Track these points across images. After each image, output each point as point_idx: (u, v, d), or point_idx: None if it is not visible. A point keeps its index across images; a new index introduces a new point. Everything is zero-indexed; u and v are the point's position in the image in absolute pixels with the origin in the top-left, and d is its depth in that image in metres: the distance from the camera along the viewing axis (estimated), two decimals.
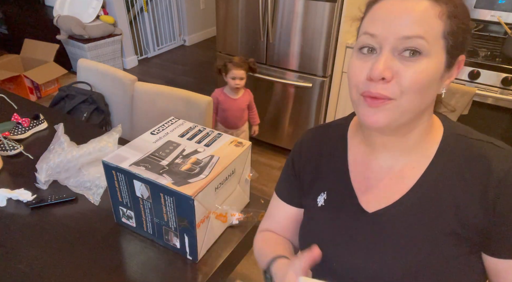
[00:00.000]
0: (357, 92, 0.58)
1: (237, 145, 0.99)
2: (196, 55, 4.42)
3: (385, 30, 0.54)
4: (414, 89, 0.54)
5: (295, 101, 2.37)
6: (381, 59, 0.54)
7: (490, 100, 1.91)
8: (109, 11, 3.59)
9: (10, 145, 1.29)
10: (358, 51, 0.58)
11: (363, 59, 0.57)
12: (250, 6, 2.23)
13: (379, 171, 0.66)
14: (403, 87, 0.54)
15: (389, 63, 0.54)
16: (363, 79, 0.57)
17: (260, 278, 1.77)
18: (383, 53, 0.55)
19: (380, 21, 0.55)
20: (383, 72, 0.54)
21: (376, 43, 0.55)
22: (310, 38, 2.12)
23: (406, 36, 0.53)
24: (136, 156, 0.92)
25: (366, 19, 0.59)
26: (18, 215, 1.05)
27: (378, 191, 0.65)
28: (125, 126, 1.77)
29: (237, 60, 2.00)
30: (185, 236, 0.89)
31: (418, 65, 0.54)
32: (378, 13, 0.56)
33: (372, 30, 0.56)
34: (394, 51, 0.54)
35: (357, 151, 0.69)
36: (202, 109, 1.51)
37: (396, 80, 0.54)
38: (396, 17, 0.54)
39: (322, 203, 0.71)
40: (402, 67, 0.54)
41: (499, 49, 1.98)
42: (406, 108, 0.56)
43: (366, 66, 0.56)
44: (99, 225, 1.02)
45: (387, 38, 0.54)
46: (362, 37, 0.58)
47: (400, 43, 0.53)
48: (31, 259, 0.91)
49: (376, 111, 0.56)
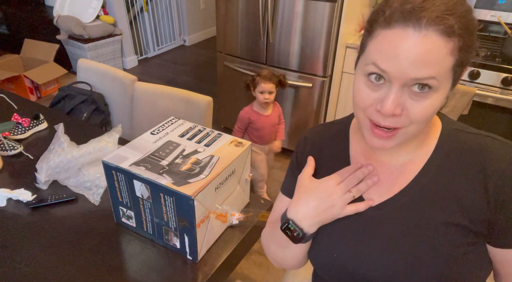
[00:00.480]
0: (364, 115, 0.59)
1: (237, 145, 0.99)
2: (196, 55, 4.42)
3: (396, 70, 0.52)
4: (423, 120, 0.55)
5: (295, 101, 2.37)
6: (391, 97, 0.53)
7: (490, 100, 1.91)
8: (109, 11, 3.59)
9: (10, 145, 1.29)
10: (365, 76, 0.57)
11: (371, 87, 0.56)
12: (250, 6, 2.22)
13: (381, 167, 0.67)
14: (412, 119, 0.55)
15: (399, 100, 0.54)
16: (372, 107, 0.57)
17: (261, 278, 1.77)
18: (392, 89, 0.53)
19: (390, 58, 0.52)
20: (393, 111, 0.54)
21: (385, 76, 0.54)
22: (310, 38, 2.12)
23: (418, 78, 0.51)
24: (136, 156, 0.92)
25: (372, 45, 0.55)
26: (18, 215, 1.05)
27: (380, 186, 0.66)
28: (125, 126, 1.77)
29: (266, 73, 1.87)
30: (185, 236, 0.89)
31: (427, 100, 0.54)
32: (389, 47, 0.52)
33: (382, 65, 0.53)
34: (404, 86, 0.53)
35: (359, 148, 0.71)
36: (202, 109, 1.51)
37: (405, 113, 0.55)
38: (406, 58, 0.51)
39: None
40: (411, 103, 0.54)
41: (499, 49, 1.98)
42: (413, 134, 0.58)
43: (374, 95, 0.56)
44: (99, 225, 1.02)
45: (398, 77, 0.52)
46: (370, 66, 0.55)
47: (410, 81, 0.52)
48: (31, 259, 0.91)
49: (383, 140, 0.58)
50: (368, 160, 0.69)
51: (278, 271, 1.80)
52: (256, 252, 1.90)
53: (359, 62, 0.60)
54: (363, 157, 0.70)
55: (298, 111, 2.40)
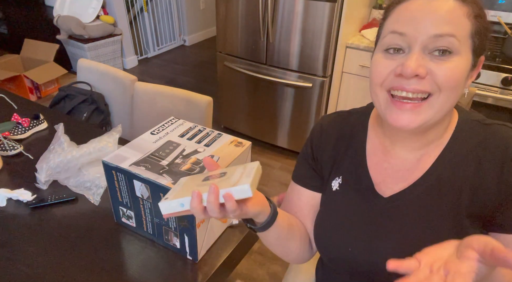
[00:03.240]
0: (383, 89, 0.58)
1: (237, 145, 0.99)
2: (196, 55, 4.42)
3: (415, 29, 0.53)
4: (450, 86, 0.54)
5: (295, 101, 2.37)
6: (413, 56, 0.53)
7: (490, 100, 1.91)
8: (109, 11, 3.59)
9: (10, 145, 1.29)
10: (383, 52, 0.57)
11: (390, 58, 0.56)
12: (250, 6, 2.23)
13: (397, 162, 0.67)
14: (439, 83, 0.54)
15: (421, 61, 0.53)
16: (390, 75, 0.56)
17: (261, 278, 1.77)
18: (413, 51, 0.54)
19: (408, 20, 0.54)
20: (416, 69, 0.53)
21: (404, 43, 0.54)
22: (310, 38, 2.12)
23: (438, 34, 0.52)
24: (136, 156, 0.92)
25: (390, 19, 0.57)
26: (18, 215, 1.05)
27: (396, 179, 0.66)
28: (125, 126, 1.77)
29: None
30: (185, 236, 0.89)
31: (450, 63, 0.53)
32: (405, 13, 0.55)
33: (400, 29, 0.54)
34: (425, 50, 0.53)
35: (376, 141, 0.70)
36: (202, 109, 1.51)
37: (431, 77, 0.54)
38: (425, 16, 0.52)
39: (337, 187, 0.72)
40: (434, 65, 0.53)
41: (499, 49, 1.98)
42: (441, 106, 0.56)
43: (393, 63, 0.56)
44: (99, 225, 1.02)
45: (417, 37, 0.53)
46: (388, 36, 0.56)
47: (431, 42, 0.53)
48: (31, 259, 0.91)
49: (408, 114, 0.56)
50: (384, 154, 0.68)
51: (278, 271, 1.80)
52: (256, 252, 1.90)
53: (376, 46, 0.60)
54: (381, 152, 0.69)
55: (298, 111, 2.40)
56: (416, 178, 0.64)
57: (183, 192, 0.57)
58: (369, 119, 0.73)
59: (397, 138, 0.66)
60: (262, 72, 2.39)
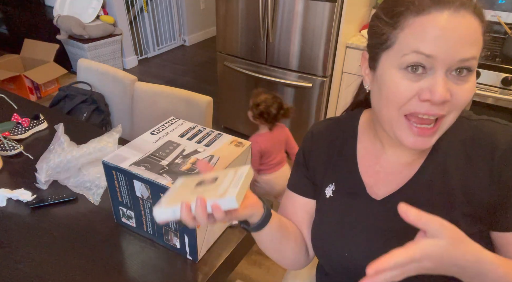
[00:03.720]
0: (400, 113, 0.56)
1: (237, 145, 0.99)
2: (196, 55, 4.42)
3: (443, 51, 0.50)
4: (463, 105, 0.54)
5: (295, 101, 2.37)
6: (440, 82, 0.51)
7: (490, 100, 1.91)
8: (109, 11, 3.59)
9: (10, 145, 1.29)
10: (402, 70, 0.54)
11: (411, 79, 0.53)
12: (250, 6, 2.23)
13: (389, 164, 0.67)
14: (455, 105, 0.53)
15: (447, 85, 0.52)
16: (414, 100, 0.54)
17: (261, 278, 1.77)
18: (438, 74, 0.52)
19: (435, 40, 0.50)
20: (445, 95, 0.51)
21: (428, 63, 0.52)
22: (310, 38, 2.12)
23: (465, 58, 0.51)
24: (136, 156, 0.92)
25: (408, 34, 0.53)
26: (18, 215, 1.05)
27: (388, 182, 0.66)
28: (125, 126, 1.77)
29: (267, 100, 1.74)
30: (185, 236, 0.89)
31: (468, 84, 0.53)
32: (429, 30, 0.51)
33: (427, 50, 0.51)
34: (448, 71, 0.52)
35: (367, 145, 0.70)
36: (202, 109, 1.51)
37: (451, 98, 0.53)
38: (453, 38, 0.50)
39: (331, 194, 0.72)
40: (455, 86, 0.53)
41: (499, 49, 1.98)
42: (449, 124, 0.56)
43: (415, 86, 0.53)
44: (99, 225, 1.02)
45: (445, 60, 0.51)
46: (411, 56, 0.52)
47: (455, 64, 0.51)
48: (31, 259, 0.91)
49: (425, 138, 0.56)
50: (375, 157, 0.68)
51: (278, 271, 1.80)
52: (256, 252, 1.90)
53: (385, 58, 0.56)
54: (372, 155, 0.69)
55: (298, 111, 2.40)
56: (407, 179, 0.64)
57: (177, 198, 0.58)
58: (359, 123, 0.73)
59: (389, 142, 0.66)
60: (262, 72, 2.39)
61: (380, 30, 0.56)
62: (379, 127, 0.66)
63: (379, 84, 0.58)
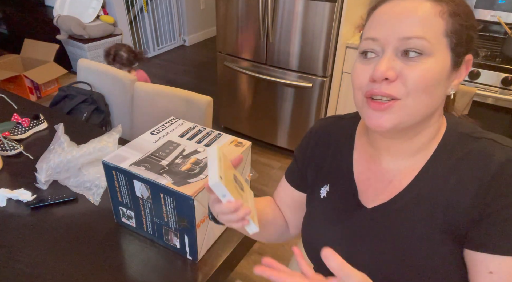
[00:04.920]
0: (362, 95, 0.59)
1: (237, 145, 0.99)
2: (196, 55, 4.42)
3: (386, 33, 0.55)
4: (420, 89, 0.54)
5: (295, 101, 2.37)
6: (383, 60, 0.55)
7: (490, 100, 1.91)
8: (109, 11, 3.59)
9: (10, 145, 1.29)
10: (360, 56, 0.59)
11: (366, 63, 0.58)
12: (250, 6, 2.23)
13: (379, 173, 0.67)
14: (409, 87, 0.54)
15: (392, 63, 0.54)
16: (366, 81, 0.57)
17: (261, 278, 1.77)
18: (385, 54, 0.55)
19: (381, 24, 0.56)
20: (385, 72, 0.54)
21: (378, 46, 0.56)
22: (310, 38, 2.12)
23: (406, 37, 0.53)
24: (136, 156, 0.92)
25: (367, 25, 0.60)
26: (18, 215, 1.05)
27: (378, 190, 0.66)
28: (125, 126, 1.77)
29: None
30: (185, 236, 0.89)
31: (422, 65, 0.53)
32: (378, 18, 0.57)
33: (373, 34, 0.56)
34: (396, 52, 0.54)
35: (363, 150, 0.70)
36: (202, 109, 1.51)
37: (401, 80, 0.54)
38: (395, 19, 0.54)
39: (325, 195, 0.72)
40: (405, 67, 0.54)
41: (499, 49, 1.98)
42: (413, 110, 0.55)
43: (368, 68, 0.57)
44: (99, 225, 1.02)
45: (388, 40, 0.55)
46: (363, 42, 0.58)
47: (401, 44, 0.54)
48: (31, 259, 0.91)
49: (382, 114, 0.56)
50: (369, 164, 0.68)
51: None
52: (256, 252, 1.90)
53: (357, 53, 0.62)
54: (365, 161, 0.69)
55: (298, 111, 2.40)
56: (397, 191, 0.63)
57: (228, 182, 0.59)
58: (358, 127, 0.73)
59: (381, 146, 0.65)
60: (262, 72, 2.39)
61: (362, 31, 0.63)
62: (371, 131, 0.67)
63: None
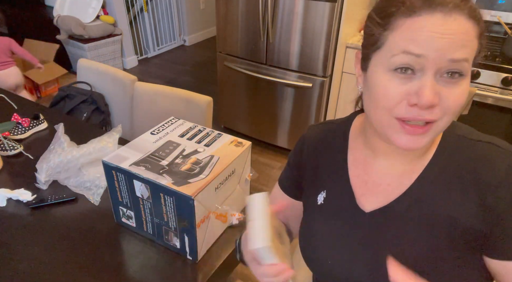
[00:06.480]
0: (391, 116, 0.54)
1: (237, 145, 0.99)
2: (196, 55, 4.41)
3: (433, 52, 0.49)
4: (456, 110, 0.52)
5: (295, 101, 2.37)
6: (428, 85, 0.50)
7: (490, 100, 1.91)
8: (109, 11, 3.59)
9: (10, 145, 1.29)
10: (391, 71, 0.53)
11: (400, 81, 0.52)
12: (250, 6, 2.23)
13: (377, 176, 0.65)
14: (446, 109, 0.52)
15: (436, 88, 0.51)
16: (402, 103, 0.53)
17: None
18: (427, 76, 0.50)
19: (426, 41, 0.49)
20: (433, 100, 0.50)
21: (418, 64, 0.51)
22: (310, 38, 2.12)
23: (455, 59, 0.50)
24: (136, 156, 0.92)
25: (397, 35, 0.52)
26: (18, 215, 1.05)
27: (376, 193, 0.65)
28: (125, 126, 1.77)
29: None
30: (185, 236, 0.89)
31: (459, 87, 0.52)
32: (420, 32, 0.49)
33: (416, 50, 0.50)
34: (437, 73, 0.51)
35: (358, 152, 0.69)
36: (202, 109, 1.51)
37: (440, 102, 0.52)
38: (443, 38, 0.49)
39: (322, 201, 0.71)
40: (445, 90, 0.51)
41: (499, 49, 1.98)
42: (442, 128, 0.54)
43: (403, 88, 0.52)
44: (99, 225, 1.02)
45: (435, 60, 0.50)
46: (400, 56, 0.51)
47: (445, 66, 0.50)
48: (31, 259, 0.91)
49: (417, 138, 0.54)
50: (365, 166, 0.67)
51: None
52: None
53: (375, 59, 0.55)
54: (361, 164, 0.68)
55: (298, 111, 2.40)
56: (397, 195, 0.62)
57: (278, 250, 0.56)
58: (351, 129, 0.72)
59: (380, 150, 0.64)
60: (262, 72, 2.39)
61: (371, 31, 0.55)
62: (371, 133, 0.64)
63: (369, 85, 0.57)
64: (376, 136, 0.63)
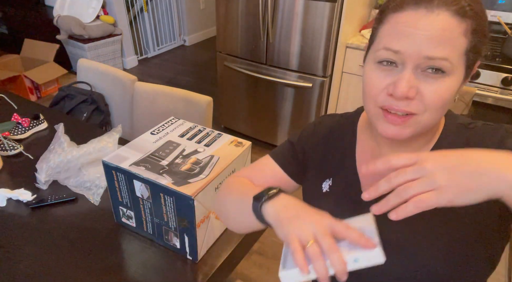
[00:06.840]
0: (376, 105, 0.57)
1: (237, 145, 0.99)
2: (196, 55, 4.42)
3: (409, 48, 0.52)
4: (437, 106, 0.54)
5: (295, 101, 2.37)
6: (404, 78, 0.53)
7: (490, 100, 1.91)
8: (109, 11, 3.59)
9: (10, 145, 1.29)
10: (376, 64, 0.56)
11: (383, 72, 0.56)
12: (250, 6, 2.23)
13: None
14: (426, 104, 0.54)
15: (413, 81, 0.53)
16: (383, 93, 0.56)
17: (261, 278, 1.77)
18: (406, 70, 0.53)
19: (404, 37, 0.52)
20: (407, 92, 0.52)
21: (398, 59, 0.54)
22: (310, 38, 2.12)
23: (431, 56, 0.51)
24: (136, 156, 0.92)
25: (384, 29, 0.55)
26: (18, 215, 1.05)
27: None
28: (125, 126, 1.77)
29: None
30: (185, 236, 0.89)
31: (441, 83, 0.53)
32: (401, 28, 0.52)
33: (395, 46, 0.53)
34: (417, 68, 0.53)
35: (365, 145, 0.71)
36: (202, 109, 1.51)
37: (419, 97, 0.54)
38: (421, 35, 0.51)
39: (327, 189, 0.72)
40: (424, 85, 0.53)
41: (499, 49, 1.98)
42: (428, 123, 0.56)
43: (386, 80, 0.55)
44: (99, 225, 1.02)
45: (411, 56, 0.52)
46: (382, 51, 0.55)
47: (423, 62, 0.52)
48: (31, 259, 0.91)
49: (398, 127, 0.56)
50: (373, 159, 0.68)
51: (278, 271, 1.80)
52: (256, 252, 1.90)
53: (369, 52, 0.59)
54: (369, 155, 0.69)
55: (298, 111, 2.40)
56: None
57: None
58: (358, 122, 0.74)
59: (383, 141, 0.67)
60: (262, 72, 2.39)
61: (374, 25, 0.60)
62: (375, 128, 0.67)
63: (363, 77, 0.61)
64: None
